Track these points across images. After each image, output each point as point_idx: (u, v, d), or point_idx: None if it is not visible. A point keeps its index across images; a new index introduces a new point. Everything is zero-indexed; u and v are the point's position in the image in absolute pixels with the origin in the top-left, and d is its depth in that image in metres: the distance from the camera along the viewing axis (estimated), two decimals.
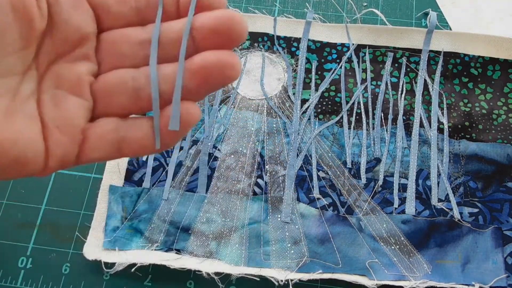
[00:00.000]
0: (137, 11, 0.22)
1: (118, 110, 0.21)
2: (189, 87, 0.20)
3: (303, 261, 0.35)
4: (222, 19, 0.20)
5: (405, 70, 0.42)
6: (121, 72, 0.21)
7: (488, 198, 0.37)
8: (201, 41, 0.20)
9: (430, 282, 0.34)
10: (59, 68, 0.21)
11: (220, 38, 0.20)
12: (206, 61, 0.20)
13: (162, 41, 0.21)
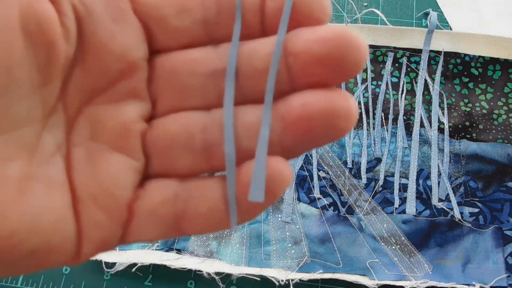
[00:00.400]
0: (205, 24, 0.15)
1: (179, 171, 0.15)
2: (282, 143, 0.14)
3: (304, 261, 0.35)
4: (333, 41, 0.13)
5: (405, 70, 0.42)
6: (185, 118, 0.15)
7: (489, 198, 0.37)
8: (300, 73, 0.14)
9: (430, 282, 0.34)
10: (97, 111, 0.15)
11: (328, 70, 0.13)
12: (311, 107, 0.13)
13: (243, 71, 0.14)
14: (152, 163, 0.15)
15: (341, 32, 0.13)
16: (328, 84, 0.13)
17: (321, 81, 0.13)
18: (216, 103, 0.15)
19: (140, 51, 0.15)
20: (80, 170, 0.14)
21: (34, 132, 0.14)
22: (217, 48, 0.15)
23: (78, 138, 0.15)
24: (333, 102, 0.13)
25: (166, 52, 0.15)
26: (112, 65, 0.14)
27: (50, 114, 0.14)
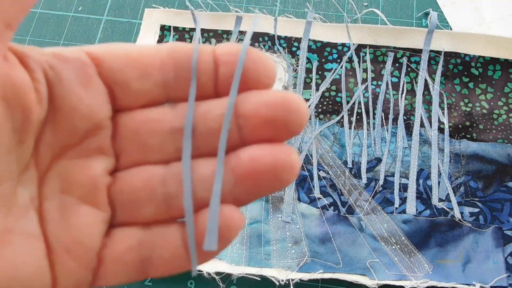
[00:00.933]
0: (164, 86, 0.16)
1: (142, 220, 0.16)
2: (234, 193, 0.15)
3: (304, 260, 0.35)
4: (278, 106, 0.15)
5: (405, 70, 0.42)
6: (147, 173, 0.16)
7: (489, 198, 0.37)
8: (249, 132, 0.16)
9: (431, 281, 0.34)
10: (66, 166, 0.16)
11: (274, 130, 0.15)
12: (258, 162, 0.15)
13: (199, 130, 0.16)
14: (117, 214, 0.16)
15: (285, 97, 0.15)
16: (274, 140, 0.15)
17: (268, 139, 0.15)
18: (174, 157, 0.16)
19: (105, 111, 0.16)
20: (53, 223, 0.16)
21: (10, 188, 0.15)
22: (174, 108, 0.17)
23: (49, 191, 0.16)
24: (278, 157, 0.15)
25: (127, 111, 0.17)
26: (80, 124, 0.16)
27: (24, 170, 0.15)
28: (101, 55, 0.16)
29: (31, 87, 0.15)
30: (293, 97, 0.15)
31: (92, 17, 0.47)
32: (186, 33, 0.45)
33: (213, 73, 0.16)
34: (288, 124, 0.15)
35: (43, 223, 0.16)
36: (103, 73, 0.16)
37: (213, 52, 0.16)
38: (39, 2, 0.48)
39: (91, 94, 0.16)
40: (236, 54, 0.16)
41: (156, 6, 0.47)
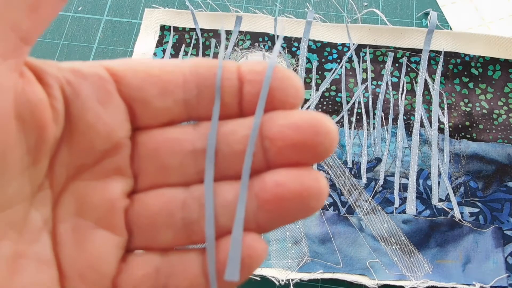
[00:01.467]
0: (186, 104, 0.15)
1: (160, 245, 0.15)
2: (257, 219, 0.14)
3: (304, 260, 0.35)
4: (306, 128, 0.14)
5: (405, 70, 0.42)
6: (166, 196, 0.15)
7: (489, 198, 0.37)
8: (275, 156, 0.15)
9: (431, 281, 0.34)
10: (82, 187, 0.15)
11: (301, 154, 0.14)
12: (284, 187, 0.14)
13: (222, 151, 0.15)
14: (134, 238, 0.15)
15: (313, 119, 0.14)
16: (300, 164, 0.14)
17: (294, 162, 0.14)
18: (195, 179, 0.15)
19: (124, 130, 0.15)
20: (66, 247, 0.15)
21: (22, 210, 0.14)
22: (196, 127, 0.16)
23: (64, 214, 0.15)
24: (305, 183, 0.14)
25: (147, 130, 0.16)
26: (98, 144, 0.15)
27: (37, 191, 0.14)
28: (121, 70, 0.15)
29: (47, 104, 0.14)
30: (322, 119, 0.14)
31: (92, 17, 0.47)
32: (186, 33, 0.45)
33: (238, 92, 0.15)
34: (317, 147, 0.14)
35: (56, 247, 0.15)
36: (123, 90, 0.15)
37: (238, 69, 0.15)
38: None
39: (110, 112, 0.15)
40: (262, 72, 0.15)
41: (156, 6, 0.47)
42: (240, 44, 0.44)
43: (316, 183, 0.14)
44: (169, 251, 0.16)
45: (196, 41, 0.44)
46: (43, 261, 0.14)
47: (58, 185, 0.15)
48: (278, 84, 0.15)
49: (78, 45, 0.45)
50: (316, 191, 0.14)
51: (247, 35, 0.44)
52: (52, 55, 0.45)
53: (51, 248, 0.15)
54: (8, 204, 0.13)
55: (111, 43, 0.45)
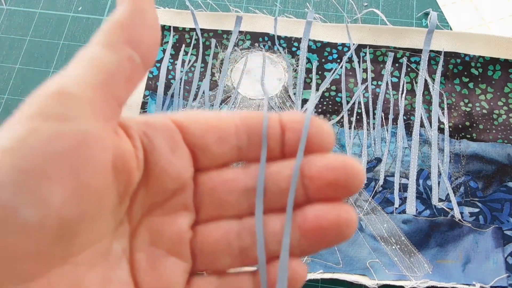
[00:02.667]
0: (238, 149, 0.19)
1: (219, 269, 0.19)
2: (300, 246, 0.18)
3: (304, 260, 0.35)
4: (340, 169, 0.17)
5: (405, 70, 0.42)
6: (224, 227, 0.19)
7: (489, 198, 0.37)
8: (313, 192, 0.18)
9: (430, 282, 0.34)
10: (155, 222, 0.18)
11: (336, 190, 0.17)
12: (323, 219, 0.17)
13: (269, 189, 0.18)
14: (197, 264, 0.18)
15: (345, 162, 0.17)
16: (335, 199, 0.17)
17: (330, 198, 0.17)
18: (247, 212, 0.19)
19: (189, 172, 0.18)
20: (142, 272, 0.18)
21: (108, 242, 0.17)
22: (246, 169, 0.19)
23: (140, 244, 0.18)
24: (340, 215, 0.17)
25: (206, 171, 0.19)
26: (169, 185, 0.18)
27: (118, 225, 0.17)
28: (185, 122, 0.18)
29: (133, 154, 0.17)
30: (352, 162, 0.17)
31: (92, 17, 0.47)
32: (186, 33, 0.45)
33: (280, 138, 0.18)
34: (348, 185, 0.17)
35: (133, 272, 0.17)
36: (187, 138, 0.18)
37: (279, 119, 0.18)
38: (39, 2, 0.48)
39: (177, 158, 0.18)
40: (300, 121, 0.18)
41: (156, 6, 0.47)
42: (240, 44, 0.44)
43: (348, 215, 0.17)
44: (226, 274, 0.19)
45: (196, 41, 0.44)
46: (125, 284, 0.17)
47: (135, 220, 0.18)
48: (314, 131, 0.18)
49: (78, 45, 0.45)
50: (349, 221, 0.17)
51: (247, 35, 0.44)
52: (52, 55, 0.45)
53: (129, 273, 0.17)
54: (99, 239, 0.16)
55: None
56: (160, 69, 0.43)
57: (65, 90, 0.15)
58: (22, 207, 0.14)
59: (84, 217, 0.15)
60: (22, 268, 0.14)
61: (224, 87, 0.42)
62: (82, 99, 0.15)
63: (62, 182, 0.14)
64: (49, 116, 0.15)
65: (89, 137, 0.15)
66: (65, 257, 0.15)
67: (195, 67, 0.43)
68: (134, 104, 0.41)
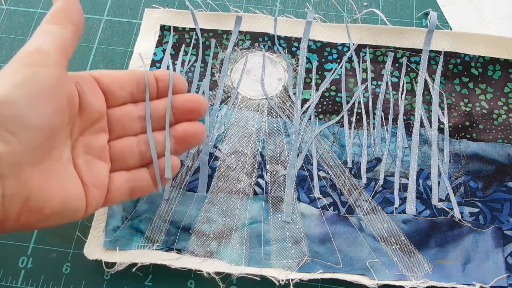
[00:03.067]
0: (131, 93, 0.31)
1: (128, 167, 0.31)
2: (173, 148, 0.32)
3: (304, 260, 0.35)
4: (192, 102, 0.32)
5: (405, 70, 0.42)
6: (127, 141, 0.31)
7: (489, 198, 0.37)
8: (179, 116, 0.32)
9: (430, 281, 0.34)
10: (86, 139, 0.29)
11: (191, 114, 0.32)
12: (185, 131, 0.32)
13: (153, 116, 0.32)
14: (114, 165, 0.30)
15: (196, 97, 0.33)
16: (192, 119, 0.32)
17: (188, 118, 0.32)
18: (141, 131, 0.32)
19: (104, 107, 0.30)
20: (83, 170, 0.28)
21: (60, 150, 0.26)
22: (138, 105, 0.32)
23: (78, 153, 0.28)
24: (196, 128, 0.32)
25: (113, 107, 0.31)
26: (93, 115, 0.29)
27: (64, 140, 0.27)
28: (99, 75, 0.30)
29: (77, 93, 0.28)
30: (199, 97, 0.33)
31: (92, 17, 0.47)
32: (186, 33, 0.45)
33: (156, 86, 0.32)
34: (198, 111, 0.32)
35: (77, 171, 0.27)
36: (101, 86, 0.30)
37: (154, 74, 0.32)
38: (38, 2, 0.48)
39: (97, 98, 0.29)
40: (167, 75, 0.33)
41: (156, 6, 0.47)
42: (240, 44, 0.44)
43: (200, 128, 0.32)
44: (132, 169, 0.31)
45: (196, 41, 0.44)
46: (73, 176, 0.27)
47: (74, 138, 0.28)
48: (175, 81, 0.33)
49: (78, 45, 0.45)
50: (201, 131, 0.32)
51: (247, 35, 0.44)
52: None
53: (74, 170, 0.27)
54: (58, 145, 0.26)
55: (111, 43, 0.45)
56: (160, 69, 0.43)
57: (42, 48, 0.25)
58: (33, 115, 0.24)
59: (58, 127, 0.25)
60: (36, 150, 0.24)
61: (224, 87, 0.42)
62: (52, 55, 0.25)
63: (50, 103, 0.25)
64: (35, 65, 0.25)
65: (60, 77, 0.26)
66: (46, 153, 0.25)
67: (195, 67, 0.43)
68: None
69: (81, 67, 0.44)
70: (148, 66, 0.43)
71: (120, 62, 0.44)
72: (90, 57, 0.45)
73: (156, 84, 0.32)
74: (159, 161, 0.31)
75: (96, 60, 0.45)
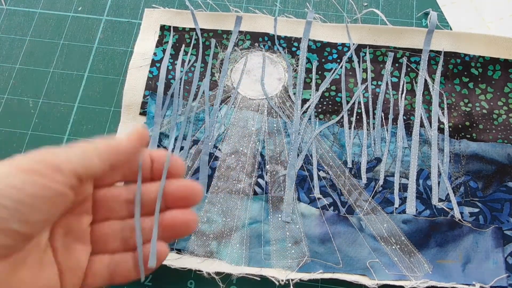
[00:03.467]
0: (123, 175, 0.29)
1: (109, 251, 0.29)
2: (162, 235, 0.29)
3: (304, 260, 0.35)
4: (187, 189, 0.29)
5: (405, 70, 0.42)
6: (111, 225, 0.29)
7: (489, 198, 0.37)
8: (171, 202, 0.29)
9: (430, 281, 0.34)
10: (67, 221, 0.27)
11: (184, 202, 0.29)
12: (175, 219, 0.29)
13: (142, 200, 0.29)
14: (95, 248, 0.28)
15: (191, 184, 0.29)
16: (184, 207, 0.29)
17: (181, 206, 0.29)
18: (127, 216, 0.29)
19: (90, 190, 0.28)
20: (60, 254, 0.26)
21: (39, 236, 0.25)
22: (128, 187, 0.29)
23: (57, 236, 0.26)
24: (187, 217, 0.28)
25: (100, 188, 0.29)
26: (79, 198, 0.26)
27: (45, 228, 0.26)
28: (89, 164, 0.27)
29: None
30: (194, 184, 0.29)
31: (92, 17, 0.47)
32: (186, 33, 0.45)
33: (150, 167, 0.29)
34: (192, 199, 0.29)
35: (55, 256, 0.26)
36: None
37: (150, 154, 0.29)
38: (38, 2, 0.48)
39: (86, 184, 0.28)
40: (163, 156, 0.29)
41: (156, 6, 0.47)
42: (240, 44, 0.44)
43: (191, 216, 0.28)
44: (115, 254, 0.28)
45: (196, 41, 0.44)
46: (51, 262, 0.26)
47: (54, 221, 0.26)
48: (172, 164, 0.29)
49: (78, 45, 0.45)
50: (192, 220, 0.28)
51: (247, 35, 0.44)
52: (52, 55, 0.45)
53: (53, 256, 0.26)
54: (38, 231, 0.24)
55: (111, 43, 0.45)
56: (160, 69, 0.43)
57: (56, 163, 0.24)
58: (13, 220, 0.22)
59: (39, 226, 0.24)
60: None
61: (224, 87, 0.42)
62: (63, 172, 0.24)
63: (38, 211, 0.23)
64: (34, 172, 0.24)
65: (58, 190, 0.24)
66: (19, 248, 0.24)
67: (195, 67, 0.43)
68: (134, 104, 0.41)
69: (81, 67, 0.44)
70: (148, 66, 0.43)
71: (120, 62, 0.44)
72: (90, 57, 0.45)
73: (151, 165, 0.29)
74: (145, 248, 0.28)
75: (96, 60, 0.45)
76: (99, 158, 0.27)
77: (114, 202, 0.29)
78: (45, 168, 0.24)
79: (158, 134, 0.40)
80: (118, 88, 0.43)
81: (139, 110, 0.41)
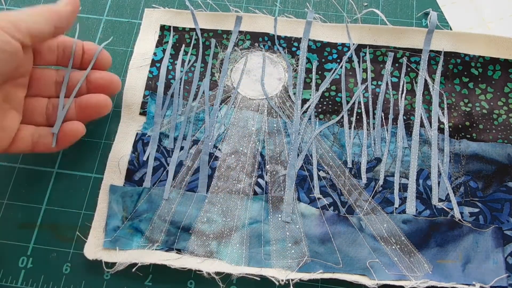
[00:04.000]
0: (57, 57, 0.37)
1: (35, 123, 0.36)
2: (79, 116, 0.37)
3: (304, 260, 0.35)
4: (108, 80, 0.37)
5: (405, 70, 0.42)
6: (41, 100, 0.37)
7: (489, 198, 0.37)
8: (93, 89, 0.37)
9: (430, 282, 0.34)
10: (7, 89, 0.34)
11: (104, 90, 0.37)
12: (89, 100, 0.37)
13: (69, 83, 0.37)
14: (24, 118, 0.36)
15: (112, 77, 0.38)
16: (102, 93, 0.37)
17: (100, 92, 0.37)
18: (54, 95, 0.37)
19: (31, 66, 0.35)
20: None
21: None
22: (59, 71, 0.38)
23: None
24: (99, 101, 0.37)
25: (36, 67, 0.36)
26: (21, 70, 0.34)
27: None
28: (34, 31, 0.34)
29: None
30: (114, 76, 0.38)
31: (92, 17, 0.47)
32: (186, 33, 0.45)
33: (81, 56, 0.37)
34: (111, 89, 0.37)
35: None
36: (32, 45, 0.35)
37: (82, 44, 0.38)
38: (38, 2, 0.48)
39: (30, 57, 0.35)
40: (94, 48, 0.38)
41: (156, 6, 0.47)
42: (240, 44, 0.44)
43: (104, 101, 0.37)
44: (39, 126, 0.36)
45: (196, 41, 0.44)
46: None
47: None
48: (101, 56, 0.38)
49: None
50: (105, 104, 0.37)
51: (247, 35, 0.44)
52: None
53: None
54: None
55: (111, 43, 0.45)
56: (160, 69, 0.43)
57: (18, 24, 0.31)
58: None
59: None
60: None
61: (224, 87, 0.42)
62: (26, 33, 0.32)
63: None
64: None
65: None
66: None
67: (195, 67, 0.43)
68: (134, 104, 0.41)
69: None
70: (148, 66, 0.43)
71: (120, 62, 0.44)
72: None
73: (82, 54, 0.37)
74: (64, 125, 0.36)
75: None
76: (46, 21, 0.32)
77: (46, 81, 0.37)
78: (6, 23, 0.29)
79: (158, 134, 0.40)
80: None
81: (139, 110, 0.41)
